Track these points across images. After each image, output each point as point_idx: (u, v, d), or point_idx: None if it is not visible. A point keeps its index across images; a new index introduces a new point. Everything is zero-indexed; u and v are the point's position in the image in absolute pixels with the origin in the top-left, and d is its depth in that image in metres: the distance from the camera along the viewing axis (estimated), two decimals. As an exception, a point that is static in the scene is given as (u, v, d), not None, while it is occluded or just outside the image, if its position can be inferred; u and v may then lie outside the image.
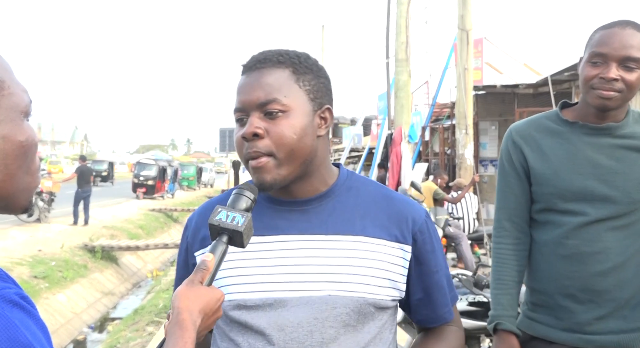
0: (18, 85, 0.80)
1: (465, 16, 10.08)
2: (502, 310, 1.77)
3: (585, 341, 1.69)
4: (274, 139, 1.12)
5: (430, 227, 1.25)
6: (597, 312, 1.67)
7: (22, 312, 0.69)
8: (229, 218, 1.01)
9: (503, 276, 1.79)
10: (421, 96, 16.47)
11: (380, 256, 1.18)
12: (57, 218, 15.42)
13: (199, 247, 1.24)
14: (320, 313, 1.14)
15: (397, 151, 9.65)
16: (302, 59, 1.18)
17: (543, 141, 1.74)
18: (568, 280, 1.69)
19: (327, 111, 1.20)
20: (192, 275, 0.98)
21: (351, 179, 1.25)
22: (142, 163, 26.94)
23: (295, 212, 1.19)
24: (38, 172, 0.83)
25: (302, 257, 1.16)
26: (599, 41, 1.62)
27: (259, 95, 1.13)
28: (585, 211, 1.66)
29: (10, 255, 10.65)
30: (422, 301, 1.25)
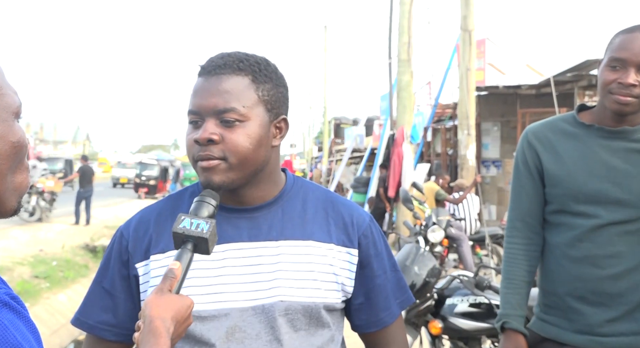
0: (9, 86, 0.81)
1: (468, 17, 10.07)
2: (510, 309, 1.78)
3: (597, 343, 1.69)
4: (228, 147, 1.12)
5: (374, 231, 1.26)
6: (608, 314, 1.67)
7: (12, 313, 0.69)
8: (193, 226, 1.00)
9: (513, 275, 1.80)
10: (423, 97, 16.49)
11: (328, 260, 1.19)
12: (59, 217, 15.43)
13: (142, 258, 1.20)
14: (275, 321, 1.14)
15: (399, 152, 9.65)
16: (262, 67, 1.17)
17: (558, 142, 1.74)
18: (579, 283, 1.69)
19: (283, 121, 1.20)
20: (161, 283, 0.96)
21: (298, 185, 1.26)
22: (144, 163, 26.99)
23: (243, 219, 1.19)
24: (28, 173, 0.83)
25: (253, 265, 1.16)
26: (619, 46, 1.61)
27: (216, 102, 1.12)
28: (598, 214, 1.66)
29: (12, 254, 10.67)
30: (362, 305, 1.25)
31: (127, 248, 1.22)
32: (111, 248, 1.25)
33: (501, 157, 13.12)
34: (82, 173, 15.19)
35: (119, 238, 1.24)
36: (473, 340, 3.63)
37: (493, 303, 3.46)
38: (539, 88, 11.64)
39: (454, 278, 3.70)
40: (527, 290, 1.80)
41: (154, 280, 1.18)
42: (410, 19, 10.21)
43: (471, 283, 3.59)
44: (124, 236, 1.23)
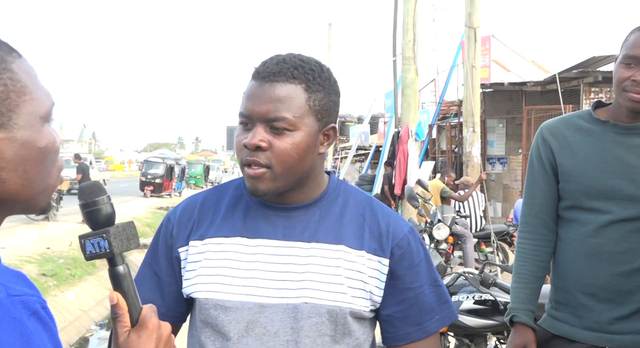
0: (41, 89, 0.80)
1: (473, 14, 10.05)
2: (519, 303, 1.78)
3: (606, 340, 1.68)
4: (276, 154, 1.13)
5: (412, 243, 1.23)
6: (618, 311, 1.67)
7: (39, 323, 0.69)
8: (96, 247, 0.89)
9: (524, 270, 1.80)
10: (428, 94, 16.45)
11: (357, 266, 1.18)
12: (66, 216, 15.50)
13: (184, 243, 1.24)
14: (296, 323, 1.14)
15: (404, 149, 9.64)
16: (316, 74, 1.16)
17: (573, 138, 1.74)
18: (590, 279, 1.69)
19: (332, 129, 1.21)
20: (116, 327, 0.90)
21: (340, 189, 1.26)
22: (149, 161, 27.05)
23: (281, 217, 1.20)
24: (59, 173, 0.83)
25: (283, 263, 1.17)
26: (633, 43, 1.61)
27: (268, 109, 1.12)
28: (611, 210, 1.66)
29: (19, 253, 10.73)
30: (390, 317, 1.22)
31: (172, 233, 1.25)
32: (159, 233, 1.29)
33: (506, 154, 13.09)
34: (82, 172, 15.23)
35: (166, 223, 1.28)
36: (478, 337, 3.63)
37: (498, 300, 3.47)
38: (545, 85, 11.60)
39: (460, 275, 3.71)
40: (538, 285, 1.80)
41: (190, 264, 1.22)
42: (414, 17, 10.18)
43: (476, 280, 3.59)
44: (170, 222, 1.27)
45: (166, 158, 28.73)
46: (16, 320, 0.66)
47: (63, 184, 15.21)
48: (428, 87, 16.17)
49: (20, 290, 0.69)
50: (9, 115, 0.75)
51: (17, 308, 0.67)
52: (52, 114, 0.81)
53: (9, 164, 0.75)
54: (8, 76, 0.75)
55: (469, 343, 3.64)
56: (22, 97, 0.76)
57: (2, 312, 0.66)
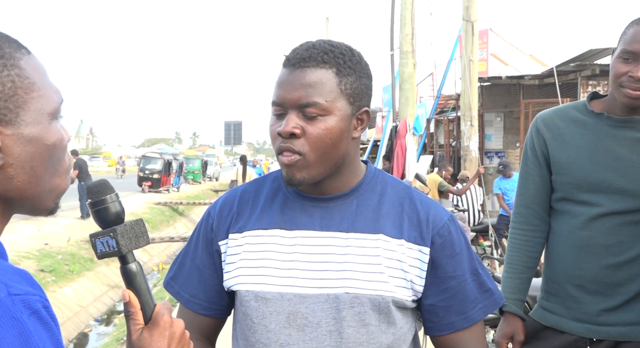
0: (49, 86, 0.80)
1: (471, 7, 10.03)
2: (509, 293, 1.80)
3: (594, 332, 1.70)
4: (310, 141, 1.12)
5: (452, 231, 1.21)
6: (606, 303, 1.68)
7: (39, 323, 0.68)
8: (106, 246, 0.89)
9: (515, 260, 1.81)
10: (426, 88, 16.45)
11: (398, 255, 1.17)
12: (64, 211, 15.49)
13: (224, 237, 1.25)
14: (339, 313, 1.14)
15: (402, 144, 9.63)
16: (347, 58, 1.16)
17: (566, 130, 1.74)
18: (579, 271, 1.70)
19: (365, 113, 1.19)
20: (130, 326, 0.89)
21: (377, 178, 1.25)
22: (147, 157, 27.01)
23: (318, 208, 1.20)
24: (68, 173, 0.82)
25: (322, 254, 1.17)
26: (631, 38, 1.59)
27: (300, 95, 1.12)
28: (601, 203, 1.66)
29: (17, 248, 10.72)
30: (433, 307, 1.21)
31: (212, 227, 1.27)
32: (200, 227, 1.30)
33: (504, 148, 13.10)
34: (79, 168, 15.23)
35: (206, 217, 1.29)
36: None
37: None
38: (542, 78, 11.60)
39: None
40: (529, 276, 1.81)
41: (230, 257, 1.22)
42: (412, 10, 10.16)
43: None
44: (211, 216, 1.28)
45: (164, 153, 28.70)
46: (15, 319, 0.66)
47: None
48: (426, 81, 16.17)
49: (22, 289, 0.69)
50: (16, 111, 0.75)
51: (17, 307, 0.66)
52: (60, 111, 0.81)
53: (16, 161, 0.75)
54: (16, 72, 0.75)
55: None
56: (30, 94, 0.76)
57: (1, 311, 0.65)
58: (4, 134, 0.74)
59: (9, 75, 0.74)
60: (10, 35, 0.79)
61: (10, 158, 0.74)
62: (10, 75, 0.74)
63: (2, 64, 0.74)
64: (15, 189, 0.76)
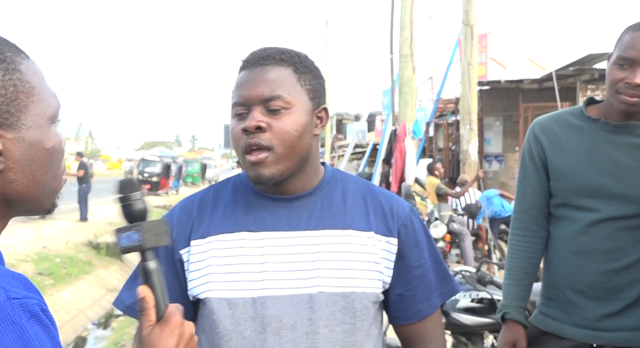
0: (48, 90, 0.80)
1: (470, 11, 10.05)
2: (511, 300, 1.80)
3: (594, 337, 1.69)
4: (276, 134, 1.13)
5: (414, 221, 1.26)
6: (606, 309, 1.68)
7: (38, 326, 0.69)
8: (129, 240, 0.91)
9: (515, 267, 1.81)
10: (425, 92, 16.45)
11: (369, 248, 1.19)
12: (62, 214, 15.47)
13: (185, 244, 1.22)
14: (314, 313, 1.14)
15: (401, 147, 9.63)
16: (302, 59, 1.20)
17: (564, 135, 1.74)
18: (578, 276, 1.70)
19: (324, 111, 1.22)
20: (141, 322, 0.89)
21: (337, 176, 1.27)
22: (146, 160, 27.02)
23: (283, 208, 1.20)
24: (63, 176, 0.83)
25: (292, 254, 1.16)
26: (627, 44, 1.59)
27: (263, 91, 1.14)
28: (600, 208, 1.66)
29: (15, 251, 10.70)
30: (400, 296, 1.24)
31: (171, 235, 1.23)
32: None
33: (503, 152, 13.10)
34: (84, 168, 15.24)
35: None
36: (475, 336, 3.63)
37: (495, 299, 3.47)
38: (541, 82, 11.61)
39: (457, 273, 3.71)
40: (529, 282, 1.81)
41: (194, 265, 1.20)
42: (411, 14, 10.17)
43: (473, 279, 3.59)
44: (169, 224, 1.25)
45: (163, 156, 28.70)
46: (15, 323, 0.66)
47: (59, 183, 15.15)
48: (425, 84, 16.17)
49: (20, 293, 0.69)
50: (17, 115, 0.75)
51: (16, 311, 0.67)
52: (58, 116, 0.81)
53: (16, 165, 0.75)
54: (17, 77, 0.76)
55: (466, 342, 3.64)
56: (30, 98, 0.77)
57: (1, 315, 0.66)
58: (5, 138, 0.74)
59: (11, 79, 0.75)
60: (8, 39, 0.80)
61: (11, 161, 0.75)
62: (12, 79, 0.75)
63: (4, 68, 0.75)
64: (15, 193, 0.76)
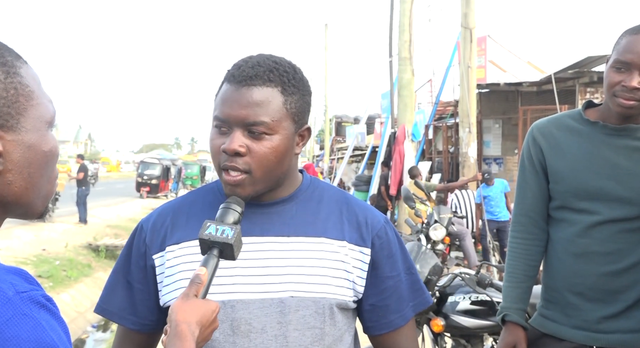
0: (45, 95, 0.82)
1: (469, 14, 10.06)
2: (511, 302, 1.80)
3: (593, 339, 1.70)
4: (255, 159, 1.14)
5: (389, 232, 1.26)
6: (606, 311, 1.68)
7: (48, 314, 0.72)
8: (219, 232, 1.03)
9: (515, 269, 1.82)
10: (424, 95, 16.49)
11: (340, 257, 1.20)
12: (62, 217, 15.46)
13: (158, 250, 1.23)
14: (284, 317, 1.15)
15: (400, 150, 9.65)
16: (291, 76, 1.17)
17: (562, 139, 1.75)
18: (578, 278, 1.71)
19: (307, 130, 1.22)
20: (187, 288, 0.99)
21: (314, 185, 1.28)
22: (146, 162, 27.02)
23: (258, 214, 1.20)
24: (56, 180, 0.85)
25: (264, 259, 1.17)
26: (624, 48, 1.61)
27: (247, 114, 1.12)
28: (599, 211, 1.67)
29: (15, 254, 10.70)
30: (373, 306, 1.25)
31: (144, 241, 1.25)
32: (131, 240, 1.28)
33: (502, 154, 13.11)
34: (84, 170, 15.25)
35: (139, 230, 1.27)
36: (475, 338, 3.63)
37: (495, 301, 3.47)
38: (540, 85, 11.63)
39: (456, 275, 3.71)
40: (529, 285, 1.82)
41: (168, 270, 1.21)
42: (411, 17, 10.19)
43: (473, 281, 3.60)
44: (143, 229, 1.27)
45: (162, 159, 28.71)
46: (27, 315, 0.69)
47: (59, 186, 15.18)
48: (424, 87, 16.20)
49: (26, 287, 0.72)
50: (17, 118, 0.77)
51: (26, 304, 0.70)
52: (54, 121, 0.83)
53: (15, 166, 0.77)
54: (18, 80, 0.78)
55: (466, 344, 3.64)
56: (30, 102, 0.79)
57: (12, 310, 0.68)
58: (5, 140, 0.76)
59: (12, 82, 0.77)
60: (7, 45, 0.81)
61: (10, 163, 0.76)
62: (13, 82, 0.77)
63: (5, 72, 0.77)
64: (12, 195, 0.78)
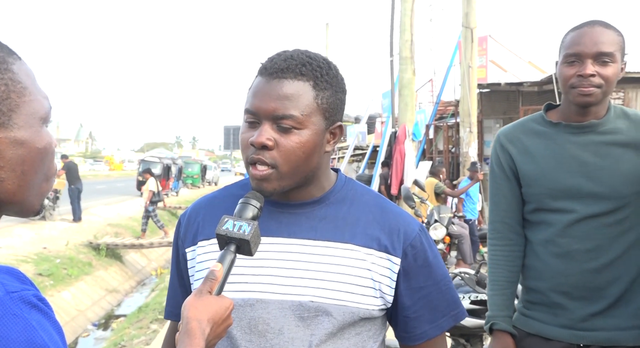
0: (40, 91, 0.81)
1: (470, 14, 10.07)
2: (497, 310, 1.81)
3: (579, 337, 1.72)
4: (282, 153, 1.11)
5: (424, 241, 1.22)
6: (591, 308, 1.70)
7: (40, 314, 0.70)
8: (236, 227, 1.03)
9: (497, 277, 1.83)
10: (425, 94, 16.47)
11: (367, 265, 1.16)
12: (62, 215, 15.47)
13: (191, 244, 1.25)
14: (302, 321, 1.13)
15: (401, 149, 9.65)
16: (324, 72, 1.14)
17: (530, 143, 1.78)
18: (562, 278, 1.72)
19: (338, 128, 1.18)
20: (201, 284, 0.98)
21: (347, 188, 1.24)
22: (146, 161, 27.02)
23: (286, 215, 1.19)
24: (53, 177, 0.84)
25: (288, 260, 1.16)
26: (572, 42, 1.68)
27: (276, 107, 1.10)
28: (575, 209, 1.70)
29: (16, 252, 10.71)
30: (407, 318, 1.22)
31: (179, 234, 1.28)
32: (175, 235, 1.32)
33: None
34: (69, 170, 15.13)
35: (178, 224, 1.30)
36: (474, 337, 3.64)
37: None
38: (541, 85, 11.63)
39: (456, 275, 3.72)
40: (513, 290, 1.83)
41: (199, 264, 1.22)
42: (412, 17, 10.19)
43: (472, 281, 3.60)
44: (181, 223, 1.29)
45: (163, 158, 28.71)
46: (17, 316, 0.68)
47: (59, 184, 15.16)
48: (425, 87, 16.19)
49: (17, 286, 0.71)
50: (9, 115, 0.76)
51: (16, 304, 0.69)
52: (50, 117, 0.82)
53: (7, 164, 0.76)
54: (9, 77, 0.76)
55: (465, 344, 3.65)
56: (22, 98, 0.77)
57: (2, 310, 0.67)
58: None
59: (2, 79, 0.75)
60: (1, 41, 0.80)
61: (2, 160, 0.75)
62: (3, 79, 0.76)
63: None
64: (5, 192, 0.77)
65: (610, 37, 1.65)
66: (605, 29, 1.66)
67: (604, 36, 1.64)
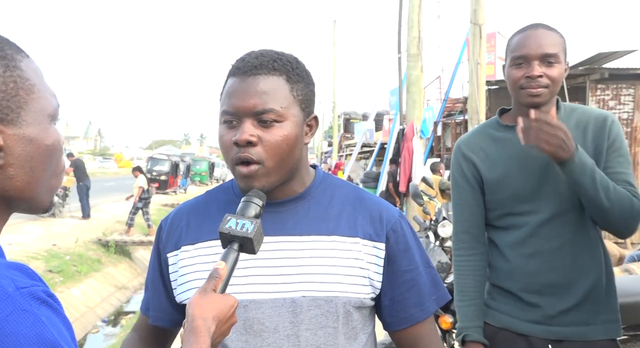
0: (47, 89, 0.82)
1: (478, 10, 10.01)
2: (467, 321, 1.82)
3: (551, 333, 1.75)
4: (267, 148, 1.13)
5: (404, 226, 1.25)
6: (561, 305, 1.73)
7: (49, 309, 0.71)
8: (239, 226, 1.03)
9: (465, 287, 1.84)
10: (433, 91, 16.42)
11: (354, 254, 1.19)
12: (72, 212, 15.56)
13: (173, 248, 1.25)
14: (296, 316, 1.14)
15: (409, 147, 9.62)
16: (294, 66, 1.18)
17: (489, 149, 1.82)
18: (533, 278, 1.75)
19: (314, 119, 1.22)
20: (205, 283, 0.99)
21: (326, 181, 1.27)
22: (155, 158, 27.13)
23: (270, 213, 1.19)
24: (62, 174, 0.85)
25: (276, 258, 1.17)
26: (518, 45, 1.72)
27: (255, 102, 1.12)
28: (540, 209, 1.73)
29: (26, 249, 10.78)
30: (392, 301, 1.23)
31: (161, 239, 1.28)
32: (156, 238, 1.32)
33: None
34: (76, 167, 15.21)
35: (159, 229, 1.31)
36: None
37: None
38: (550, 82, 11.53)
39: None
40: (481, 300, 1.84)
41: (182, 269, 1.22)
42: (420, 13, 10.15)
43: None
44: (162, 228, 1.30)
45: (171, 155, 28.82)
46: (27, 311, 0.68)
47: (69, 181, 15.25)
48: (433, 84, 16.14)
49: (27, 282, 0.71)
50: (18, 111, 0.76)
51: (26, 300, 0.69)
52: (58, 114, 0.83)
53: (16, 161, 0.76)
54: (18, 74, 0.77)
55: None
56: (30, 95, 0.78)
57: (12, 306, 0.67)
58: (5, 134, 0.75)
59: (11, 76, 0.76)
60: (8, 38, 0.81)
61: (11, 157, 0.76)
62: (12, 76, 0.76)
63: (4, 65, 0.76)
64: (14, 189, 0.77)
65: (554, 39, 1.70)
66: (548, 31, 1.71)
67: (548, 38, 1.69)
